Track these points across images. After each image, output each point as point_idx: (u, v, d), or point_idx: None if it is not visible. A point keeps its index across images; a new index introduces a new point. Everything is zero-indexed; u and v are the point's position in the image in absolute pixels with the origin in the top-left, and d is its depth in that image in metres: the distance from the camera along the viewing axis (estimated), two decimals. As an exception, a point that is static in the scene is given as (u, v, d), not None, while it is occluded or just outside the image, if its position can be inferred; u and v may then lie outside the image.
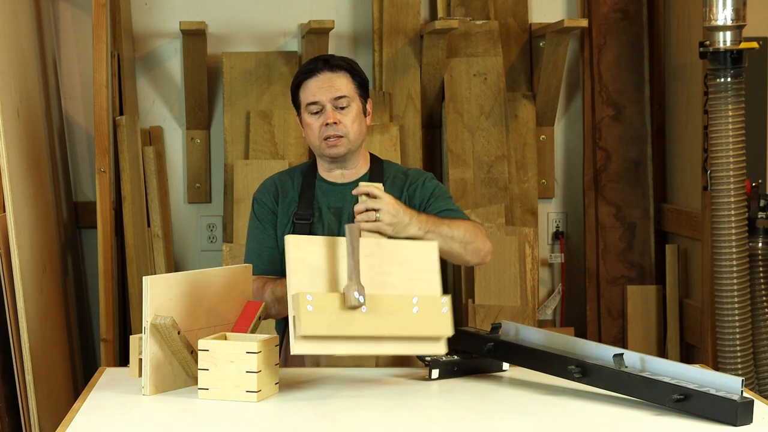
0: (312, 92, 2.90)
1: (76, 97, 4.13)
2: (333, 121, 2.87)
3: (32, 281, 3.20)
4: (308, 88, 2.91)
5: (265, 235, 2.98)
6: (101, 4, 3.61)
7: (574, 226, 4.41)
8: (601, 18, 4.29)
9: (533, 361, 2.61)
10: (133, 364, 2.57)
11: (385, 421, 2.36)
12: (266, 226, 2.98)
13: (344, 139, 2.89)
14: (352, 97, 2.91)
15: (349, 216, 2.88)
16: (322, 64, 2.92)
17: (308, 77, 2.91)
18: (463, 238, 2.81)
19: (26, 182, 3.29)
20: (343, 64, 2.93)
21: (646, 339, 4.26)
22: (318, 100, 2.89)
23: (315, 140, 2.92)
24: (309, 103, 2.90)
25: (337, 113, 2.89)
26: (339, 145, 2.90)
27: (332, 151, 2.90)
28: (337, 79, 2.90)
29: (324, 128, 2.89)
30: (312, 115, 2.91)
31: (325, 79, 2.90)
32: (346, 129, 2.89)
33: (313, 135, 2.92)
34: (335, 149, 2.90)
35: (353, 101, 2.91)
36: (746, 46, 3.61)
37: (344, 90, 2.90)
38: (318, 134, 2.90)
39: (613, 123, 4.30)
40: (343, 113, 2.89)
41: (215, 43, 4.17)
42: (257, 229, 2.99)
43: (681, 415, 2.33)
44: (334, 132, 2.88)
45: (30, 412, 3.10)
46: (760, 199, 3.74)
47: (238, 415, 2.35)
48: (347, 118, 2.89)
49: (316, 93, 2.89)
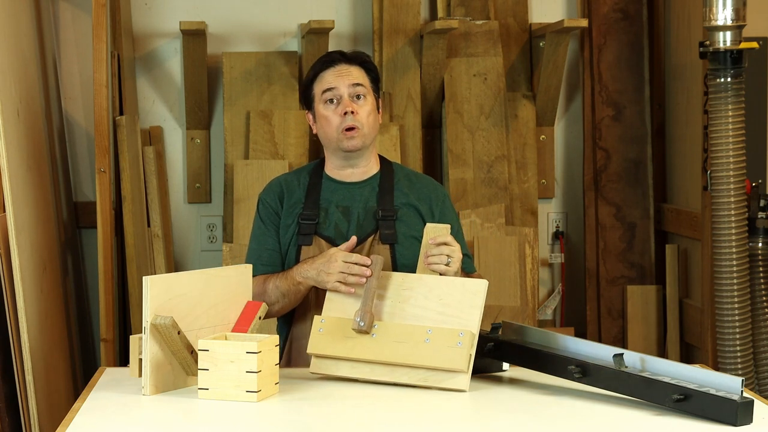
0: (329, 81, 2.90)
1: (76, 97, 4.13)
2: (351, 110, 2.87)
3: (32, 281, 3.20)
4: (325, 78, 2.91)
5: (266, 237, 2.97)
6: (101, 4, 3.61)
7: (574, 226, 4.41)
8: (601, 18, 4.29)
9: (533, 361, 2.61)
10: (133, 364, 2.57)
11: (385, 421, 2.36)
12: (269, 228, 2.98)
13: (360, 130, 2.88)
14: (367, 89, 2.92)
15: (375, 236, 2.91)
16: (338, 55, 2.94)
17: (326, 68, 2.92)
18: None
19: (26, 182, 3.29)
20: (360, 57, 2.95)
21: (646, 339, 4.26)
22: (335, 86, 2.88)
23: (333, 132, 2.90)
24: (326, 89, 2.89)
25: (354, 103, 2.88)
26: (355, 137, 2.88)
27: (350, 143, 2.88)
28: (354, 70, 2.91)
29: (342, 118, 2.87)
30: (328, 105, 2.89)
31: (342, 69, 2.91)
32: (362, 121, 2.88)
33: (330, 127, 2.90)
34: (353, 141, 2.88)
35: (369, 94, 2.92)
36: (746, 46, 3.61)
37: (361, 80, 2.91)
38: (336, 125, 2.88)
39: (613, 123, 4.30)
40: (359, 104, 2.89)
41: (215, 43, 4.17)
42: (260, 230, 2.99)
43: (681, 415, 2.33)
44: (352, 122, 2.87)
45: (30, 412, 3.10)
46: (760, 199, 3.74)
47: (238, 415, 2.35)
48: (363, 110, 2.89)
49: (333, 81, 2.89)
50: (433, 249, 2.70)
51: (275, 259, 2.95)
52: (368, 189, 2.96)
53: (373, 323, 2.62)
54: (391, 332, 2.60)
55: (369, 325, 2.61)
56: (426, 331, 2.58)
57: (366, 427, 2.31)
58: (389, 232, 2.90)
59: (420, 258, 2.72)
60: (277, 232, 2.96)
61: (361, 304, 2.64)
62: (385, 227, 2.90)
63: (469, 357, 2.54)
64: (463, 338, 2.54)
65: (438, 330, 2.57)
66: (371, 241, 2.89)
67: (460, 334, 2.54)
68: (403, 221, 2.92)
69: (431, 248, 2.70)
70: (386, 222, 2.91)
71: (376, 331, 2.62)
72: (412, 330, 2.59)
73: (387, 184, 2.96)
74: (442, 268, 2.68)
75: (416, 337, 2.58)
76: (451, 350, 2.54)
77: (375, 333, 2.61)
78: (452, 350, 2.54)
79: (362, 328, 2.61)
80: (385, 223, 2.91)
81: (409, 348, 2.57)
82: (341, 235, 2.90)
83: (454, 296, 2.61)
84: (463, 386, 2.54)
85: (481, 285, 2.62)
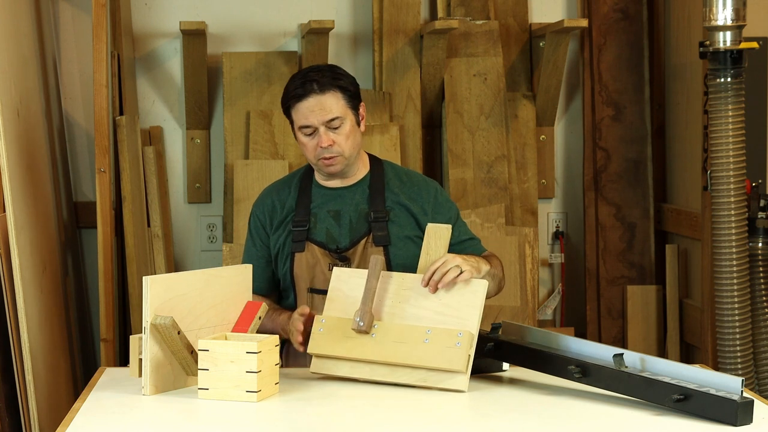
0: (304, 116, 2.88)
1: (76, 97, 4.13)
2: (327, 144, 2.87)
3: (32, 281, 3.20)
4: (299, 111, 2.88)
5: (254, 250, 3.02)
6: (101, 4, 3.61)
7: (574, 226, 4.41)
8: (601, 18, 4.29)
9: (533, 361, 2.61)
10: (133, 364, 2.57)
11: (385, 421, 2.36)
12: (256, 242, 3.02)
13: (340, 157, 2.90)
14: (344, 115, 2.88)
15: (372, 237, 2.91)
16: (310, 87, 2.86)
17: (297, 102, 2.88)
18: (498, 275, 2.87)
19: (26, 182, 3.29)
20: (330, 81, 2.88)
21: (646, 339, 4.26)
22: (310, 124, 2.88)
23: (312, 158, 2.93)
24: (302, 126, 2.89)
25: (331, 134, 2.88)
26: (335, 164, 2.91)
27: (329, 169, 2.92)
28: (326, 101, 2.86)
29: (319, 149, 2.88)
30: (306, 136, 2.90)
31: (315, 103, 2.86)
32: (341, 148, 2.89)
33: (309, 153, 2.92)
34: (332, 167, 2.92)
35: (346, 118, 2.89)
36: (746, 46, 3.61)
37: (335, 111, 2.87)
38: (314, 154, 2.90)
39: (613, 123, 4.30)
40: (337, 132, 2.88)
41: (215, 43, 4.17)
42: (249, 242, 3.05)
43: (681, 415, 2.33)
44: (329, 154, 2.88)
45: (30, 412, 3.10)
46: (760, 199, 3.74)
47: (238, 415, 2.35)
48: (341, 137, 2.88)
49: (308, 116, 2.87)
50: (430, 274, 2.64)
51: (264, 273, 3.00)
52: (359, 191, 2.96)
53: (373, 323, 2.62)
54: (390, 332, 2.61)
55: (368, 325, 2.62)
56: (425, 331, 2.58)
57: (366, 427, 2.32)
58: (382, 234, 2.90)
59: (420, 258, 2.72)
60: (266, 247, 3.00)
61: (361, 304, 2.64)
62: (378, 229, 2.91)
63: (468, 357, 2.54)
64: (462, 338, 2.54)
65: (437, 330, 2.57)
66: (364, 243, 2.90)
67: (458, 335, 2.54)
68: (396, 222, 2.93)
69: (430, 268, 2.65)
70: (378, 224, 2.91)
71: (376, 331, 2.62)
72: (412, 330, 2.59)
73: (378, 185, 2.96)
74: (462, 278, 2.62)
75: (415, 338, 2.58)
76: (449, 351, 2.54)
77: (375, 333, 2.62)
78: (451, 351, 2.53)
79: (362, 328, 2.61)
80: (377, 224, 2.91)
81: (408, 348, 2.57)
82: (332, 239, 2.91)
83: (453, 296, 2.61)
84: (461, 386, 2.54)
85: (480, 285, 2.62)
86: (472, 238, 2.97)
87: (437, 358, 2.54)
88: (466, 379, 2.54)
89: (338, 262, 2.88)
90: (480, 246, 2.98)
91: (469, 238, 2.96)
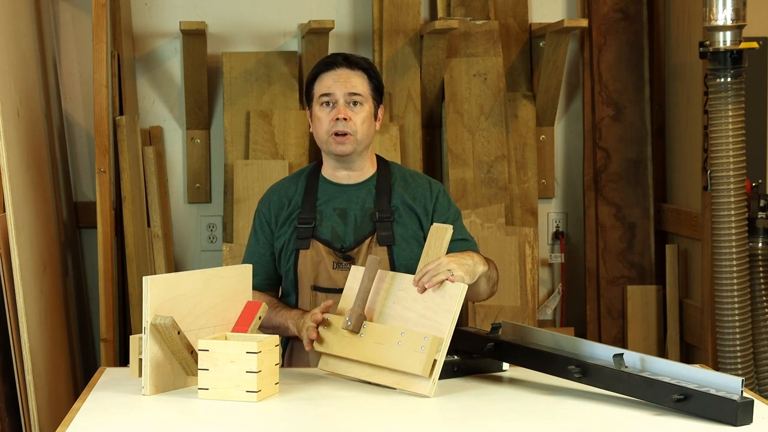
0: (327, 85, 2.89)
1: (76, 97, 4.13)
2: (343, 117, 2.86)
3: (32, 281, 3.20)
4: (323, 81, 2.90)
5: (258, 247, 3.01)
6: (101, 4, 3.61)
7: (574, 226, 4.41)
8: (601, 18, 4.29)
9: (533, 361, 2.61)
10: (133, 364, 2.57)
11: (385, 421, 2.36)
12: (259, 238, 3.01)
13: (352, 137, 2.88)
14: (366, 97, 2.90)
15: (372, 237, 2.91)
16: (341, 59, 2.92)
17: (326, 70, 2.91)
18: (494, 278, 2.85)
19: (26, 182, 3.29)
20: (363, 63, 2.94)
21: (646, 339, 4.26)
22: (332, 92, 2.88)
23: (323, 134, 2.90)
24: (322, 94, 2.89)
25: (349, 110, 2.88)
26: (346, 143, 2.88)
27: (339, 148, 2.89)
28: (354, 77, 2.90)
29: (333, 123, 2.87)
30: (323, 107, 2.89)
31: (342, 74, 2.89)
32: (355, 127, 2.88)
33: (321, 128, 2.90)
34: (342, 146, 2.89)
35: (366, 101, 2.90)
36: (746, 46, 3.61)
37: (359, 88, 2.89)
38: (326, 128, 2.88)
39: (613, 123, 4.30)
40: (355, 111, 2.88)
41: (215, 43, 4.17)
42: (253, 238, 3.04)
43: (681, 415, 2.33)
44: (343, 128, 2.87)
45: (30, 412, 3.10)
46: (760, 199, 3.74)
47: (238, 415, 2.35)
48: (358, 117, 2.88)
49: (331, 86, 2.88)
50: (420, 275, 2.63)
51: (266, 270, 2.99)
52: (365, 191, 2.96)
53: (363, 323, 2.62)
54: (375, 333, 2.60)
55: (356, 325, 2.61)
56: (400, 333, 2.56)
57: (366, 427, 2.32)
58: (386, 234, 2.90)
59: (421, 258, 2.71)
60: (269, 243, 2.99)
61: (357, 305, 2.64)
62: (382, 229, 2.90)
63: (434, 362, 2.51)
64: (427, 343, 2.50)
65: (409, 333, 2.55)
66: (369, 243, 2.89)
67: (424, 339, 2.52)
68: (401, 222, 2.92)
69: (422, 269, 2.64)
70: (383, 224, 2.91)
71: (365, 331, 2.62)
72: (390, 332, 2.58)
73: (384, 185, 2.96)
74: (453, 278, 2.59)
75: (392, 340, 2.57)
76: (414, 354, 2.51)
77: (363, 333, 2.62)
78: (416, 354, 2.51)
79: (349, 327, 2.62)
80: (382, 224, 2.91)
81: (384, 350, 2.57)
82: (338, 237, 2.91)
83: (434, 299, 2.59)
84: (424, 391, 2.51)
85: (458, 288, 2.56)
86: (465, 239, 2.95)
87: (404, 361, 2.53)
88: (431, 384, 2.50)
89: (342, 261, 2.88)
90: (474, 248, 2.95)
91: (462, 238, 2.93)
